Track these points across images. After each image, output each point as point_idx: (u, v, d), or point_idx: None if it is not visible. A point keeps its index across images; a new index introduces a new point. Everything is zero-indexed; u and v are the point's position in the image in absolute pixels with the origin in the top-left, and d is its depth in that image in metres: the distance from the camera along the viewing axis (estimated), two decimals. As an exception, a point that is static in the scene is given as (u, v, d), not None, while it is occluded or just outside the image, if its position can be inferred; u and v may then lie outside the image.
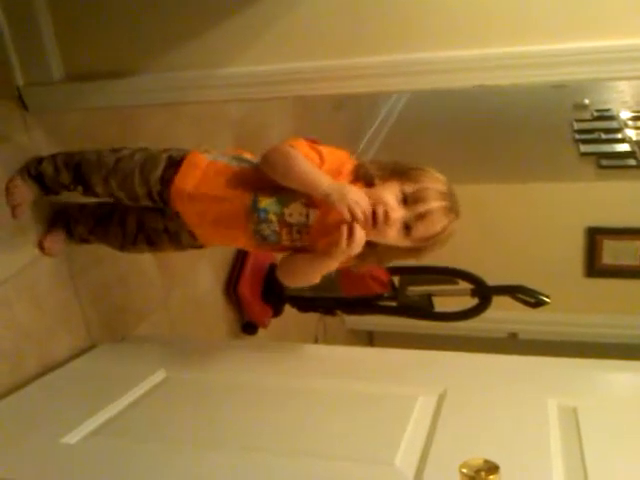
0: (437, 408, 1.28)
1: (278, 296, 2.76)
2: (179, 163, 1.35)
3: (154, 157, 1.39)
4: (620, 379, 1.44)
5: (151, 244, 1.51)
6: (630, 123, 4.49)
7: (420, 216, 1.18)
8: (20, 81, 1.57)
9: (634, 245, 3.65)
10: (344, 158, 1.30)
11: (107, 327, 1.87)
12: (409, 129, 4.85)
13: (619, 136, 4.28)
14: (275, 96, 1.58)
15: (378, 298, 2.61)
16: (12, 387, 1.48)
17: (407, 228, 1.19)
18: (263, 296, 2.75)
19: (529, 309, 2.50)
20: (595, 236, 3.65)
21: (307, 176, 1.19)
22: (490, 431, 1.19)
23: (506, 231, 3.75)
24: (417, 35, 1.33)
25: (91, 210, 1.60)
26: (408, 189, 1.19)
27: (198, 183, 1.32)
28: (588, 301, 3.72)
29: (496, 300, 2.49)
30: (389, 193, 1.19)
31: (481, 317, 2.50)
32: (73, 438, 1.25)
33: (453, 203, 1.22)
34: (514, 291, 2.51)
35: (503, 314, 2.79)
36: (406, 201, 1.19)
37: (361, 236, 1.15)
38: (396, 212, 1.18)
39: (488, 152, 4.10)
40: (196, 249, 1.51)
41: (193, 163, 1.35)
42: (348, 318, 3.99)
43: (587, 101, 4.92)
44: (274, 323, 2.85)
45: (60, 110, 1.66)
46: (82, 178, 1.46)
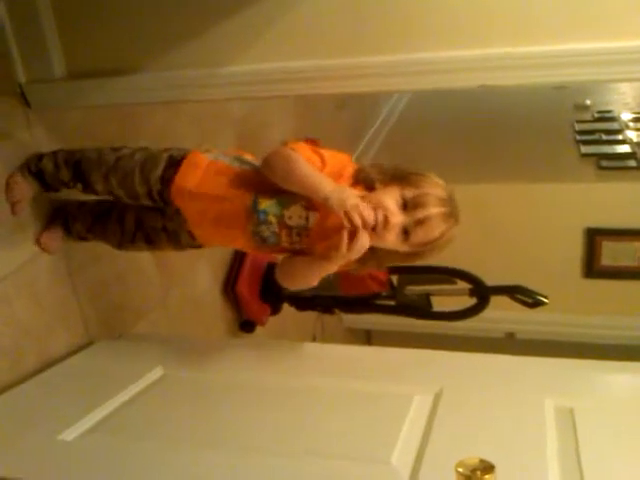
0: (433, 407, 1.29)
1: (276, 295, 2.77)
2: (179, 163, 1.36)
3: (154, 156, 1.39)
4: (617, 380, 1.44)
5: (149, 243, 1.51)
6: (631, 124, 4.49)
7: (419, 222, 1.18)
8: (22, 78, 1.58)
9: (633, 246, 3.65)
10: (345, 161, 1.30)
11: (105, 325, 1.87)
12: (410, 129, 4.84)
13: (620, 137, 4.28)
14: (276, 95, 1.58)
15: (376, 297, 2.62)
16: (11, 383, 1.48)
17: (406, 233, 1.19)
18: (261, 295, 2.75)
19: (527, 309, 2.50)
20: (594, 237, 3.65)
21: (307, 179, 1.19)
22: (486, 430, 1.19)
23: (505, 231, 3.75)
24: (419, 35, 1.33)
25: (90, 207, 1.60)
26: (408, 194, 1.19)
27: (199, 183, 1.33)
28: (586, 302, 3.71)
29: (494, 300, 2.49)
30: (389, 198, 1.19)
31: (479, 317, 2.50)
32: (70, 435, 1.25)
33: (453, 209, 1.21)
34: (512, 291, 2.51)
35: (501, 314, 2.79)
36: (406, 206, 1.19)
37: (365, 242, 1.15)
38: (396, 217, 1.18)
39: (489, 152, 4.10)
40: (195, 249, 1.51)
41: (193, 163, 1.35)
42: (346, 317, 3.99)
43: (588, 102, 4.92)
44: (272, 321, 2.86)
45: (61, 107, 1.66)
46: (82, 175, 1.46)
